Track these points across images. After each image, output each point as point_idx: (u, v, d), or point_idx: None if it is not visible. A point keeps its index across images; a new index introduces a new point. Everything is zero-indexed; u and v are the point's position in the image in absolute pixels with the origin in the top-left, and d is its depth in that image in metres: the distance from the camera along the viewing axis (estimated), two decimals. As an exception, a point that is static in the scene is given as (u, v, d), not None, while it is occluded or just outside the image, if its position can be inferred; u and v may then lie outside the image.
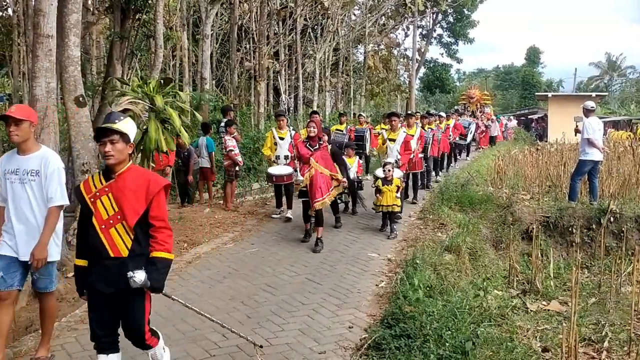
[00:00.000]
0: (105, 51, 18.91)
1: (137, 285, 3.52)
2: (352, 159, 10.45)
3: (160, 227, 3.70)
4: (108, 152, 3.60)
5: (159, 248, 3.68)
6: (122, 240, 3.64)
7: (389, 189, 8.82)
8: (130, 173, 3.73)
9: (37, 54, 6.85)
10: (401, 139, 10.21)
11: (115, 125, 3.63)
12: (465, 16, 43.45)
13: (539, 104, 43.93)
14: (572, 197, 10.88)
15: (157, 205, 3.70)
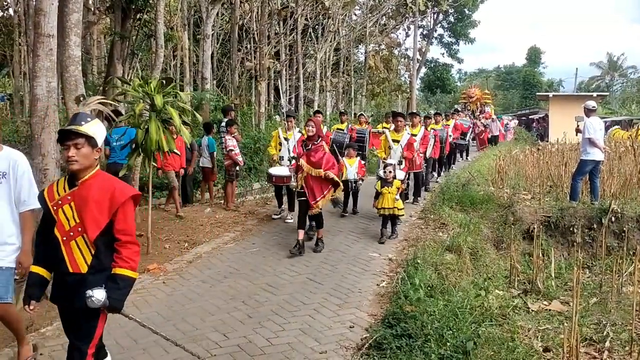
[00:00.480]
0: (106, 51, 18.92)
1: (95, 305, 3.26)
2: (353, 159, 10.18)
3: (126, 242, 3.40)
4: (72, 158, 3.30)
5: (122, 265, 3.38)
6: (81, 255, 3.36)
7: (389, 191, 8.54)
8: (96, 180, 3.42)
9: (38, 53, 6.84)
10: (405, 141, 10.10)
11: (81, 128, 3.32)
12: (466, 16, 43.43)
13: (540, 104, 43.91)
14: (573, 197, 10.87)
15: (122, 217, 3.38)
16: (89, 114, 3.50)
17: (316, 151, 7.83)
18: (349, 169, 9.89)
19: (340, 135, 13.11)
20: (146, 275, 6.84)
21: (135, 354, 4.75)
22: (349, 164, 9.97)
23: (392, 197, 8.50)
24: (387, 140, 10.33)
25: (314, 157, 7.76)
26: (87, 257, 3.37)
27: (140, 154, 7.58)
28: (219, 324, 5.38)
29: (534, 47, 63.08)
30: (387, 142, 10.30)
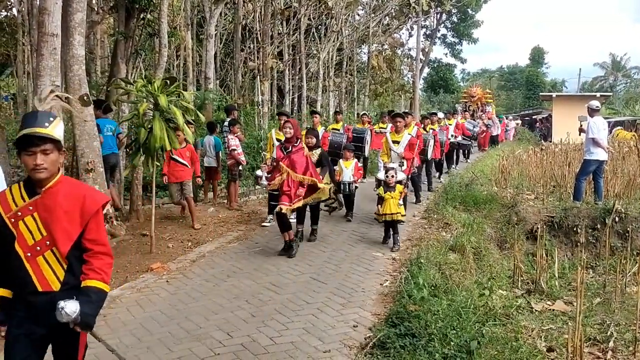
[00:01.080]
0: (109, 50, 18.95)
1: (64, 319, 2.83)
2: (350, 161, 9.87)
3: (98, 252, 3.03)
4: (40, 166, 2.87)
5: (93, 276, 2.99)
6: (52, 272, 2.96)
7: (392, 196, 8.14)
8: (62, 187, 3.01)
9: (42, 52, 6.88)
10: (405, 142, 9.90)
11: (48, 131, 2.87)
12: (470, 16, 43.35)
13: (543, 104, 43.82)
14: (577, 197, 10.85)
15: (95, 226, 3.02)
16: (50, 113, 3.06)
17: (296, 154, 7.59)
18: (345, 171, 9.67)
19: (336, 135, 12.79)
20: (150, 274, 6.86)
21: (139, 352, 4.75)
22: (345, 165, 9.74)
23: (396, 202, 8.13)
24: (387, 142, 10.13)
25: (295, 160, 7.54)
26: (59, 273, 2.97)
27: (143, 154, 7.58)
28: (222, 322, 5.38)
29: (537, 47, 62.96)
30: (387, 143, 10.10)
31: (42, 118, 2.91)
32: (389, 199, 8.10)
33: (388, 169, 8.45)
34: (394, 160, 9.68)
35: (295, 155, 7.55)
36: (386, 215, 8.14)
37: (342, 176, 9.56)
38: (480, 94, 30.51)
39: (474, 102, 29.61)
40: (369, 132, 14.24)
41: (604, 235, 9.67)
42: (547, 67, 63.95)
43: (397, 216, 8.11)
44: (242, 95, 20.08)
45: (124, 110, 9.36)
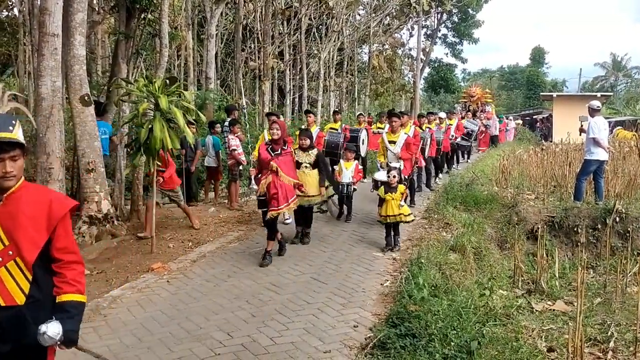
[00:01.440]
0: (110, 51, 18.96)
1: (48, 343, 2.69)
2: (350, 162, 9.66)
3: (70, 261, 2.83)
4: (9, 173, 2.70)
5: (68, 289, 2.80)
6: (15, 284, 2.73)
7: (393, 197, 7.92)
8: (25, 192, 2.80)
9: (43, 52, 6.89)
10: (402, 141, 9.70)
11: (14, 135, 2.70)
12: (470, 16, 43.32)
13: (544, 104, 43.81)
14: (577, 197, 10.84)
15: (63, 233, 2.82)
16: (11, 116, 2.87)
17: (285, 158, 7.36)
18: (345, 172, 9.50)
19: (334, 135, 12.63)
20: (150, 274, 6.86)
21: (140, 352, 4.76)
22: (345, 167, 9.57)
23: (397, 203, 7.92)
24: (383, 141, 9.92)
25: (285, 163, 7.32)
26: (24, 285, 2.74)
27: (143, 154, 7.58)
28: (223, 323, 5.39)
29: (537, 47, 62.96)
30: (383, 143, 9.91)
31: (6, 122, 2.74)
32: (390, 200, 7.90)
33: (390, 169, 8.30)
34: (390, 161, 9.54)
35: (283, 159, 7.30)
36: (388, 217, 7.94)
37: (342, 177, 9.45)
38: (480, 93, 30.16)
39: (474, 102, 29.21)
40: (365, 132, 14.05)
41: (605, 235, 9.67)
42: (548, 67, 63.97)
43: (399, 217, 7.94)
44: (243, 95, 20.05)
45: (125, 111, 9.36)
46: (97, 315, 5.59)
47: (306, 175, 7.99)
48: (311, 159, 8.09)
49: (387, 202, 7.92)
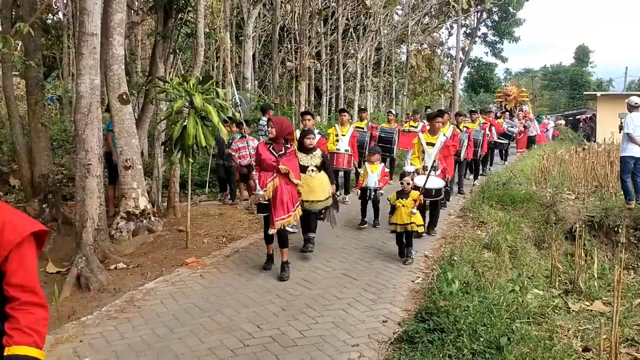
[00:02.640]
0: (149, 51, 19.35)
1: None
2: (377, 165, 9.05)
3: (27, 302, 2.19)
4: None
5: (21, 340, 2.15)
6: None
7: (403, 204, 7.18)
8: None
9: (82, 52, 7.07)
10: (440, 144, 8.99)
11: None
12: (511, 14, 42.71)
13: (588, 103, 42.83)
14: (627, 198, 10.45)
15: (19, 265, 2.18)
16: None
17: (289, 158, 6.69)
18: (371, 175, 8.92)
19: (359, 134, 12.13)
20: (184, 269, 6.98)
21: (171, 343, 4.85)
22: (371, 170, 8.96)
23: (408, 210, 7.14)
24: (420, 143, 9.19)
25: (291, 164, 6.66)
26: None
27: (180, 151, 7.72)
28: (253, 316, 5.45)
29: (582, 46, 61.59)
30: (420, 145, 9.16)
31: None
32: (400, 207, 7.22)
33: (404, 174, 7.59)
34: (427, 164, 8.80)
35: (288, 160, 6.64)
36: (397, 225, 7.24)
37: (367, 181, 8.93)
38: (516, 92, 28.35)
39: (510, 102, 27.66)
40: (397, 133, 13.53)
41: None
42: (593, 67, 62.45)
43: (411, 227, 7.17)
44: (280, 95, 20.21)
45: (162, 109, 9.55)
46: (131, 306, 5.73)
47: (313, 179, 7.41)
48: (317, 161, 7.50)
49: (397, 209, 7.25)
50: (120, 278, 6.75)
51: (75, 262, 6.78)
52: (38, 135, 9.05)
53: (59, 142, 14.77)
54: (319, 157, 7.52)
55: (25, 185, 9.72)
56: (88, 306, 5.87)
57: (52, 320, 5.49)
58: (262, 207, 6.69)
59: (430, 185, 7.95)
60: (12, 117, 9.36)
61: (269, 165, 6.55)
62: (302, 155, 7.41)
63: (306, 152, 7.48)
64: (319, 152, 7.56)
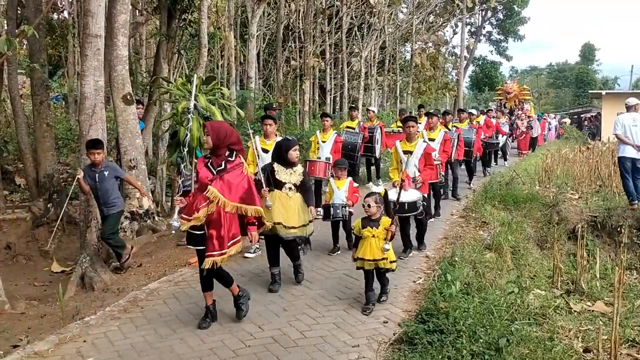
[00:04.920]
0: (154, 51, 19.41)
1: None
2: (343, 180, 7.65)
3: None
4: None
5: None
6: None
7: (373, 234, 5.58)
8: None
9: (86, 53, 7.13)
10: (420, 152, 7.71)
11: None
12: (515, 13, 42.62)
13: (593, 102, 42.74)
14: (630, 198, 10.44)
15: None
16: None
17: (232, 173, 5.10)
18: (337, 192, 7.56)
19: (351, 135, 11.36)
20: (187, 269, 7.03)
21: (173, 343, 4.90)
22: (336, 186, 7.60)
23: (379, 242, 5.57)
24: (397, 152, 7.93)
25: (230, 182, 5.06)
26: None
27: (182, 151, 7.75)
28: (254, 315, 5.49)
29: (587, 44, 61.50)
30: (397, 154, 7.93)
31: None
32: (369, 237, 5.60)
33: (369, 194, 5.84)
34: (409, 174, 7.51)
35: (230, 175, 5.08)
36: (364, 261, 5.63)
37: (333, 199, 7.58)
38: (517, 90, 26.09)
39: (510, 100, 25.63)
40: (379, 130, 12.45)
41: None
42: (598, 65, 62.37)
43: (382, 263, 5.60)
44: (284, 94, 20.25)
45: (166, 109, 9.61)
46: (134, 306, 5.78)
47: (289, 199, 6.19)
48: (296, 179, 6.27)
49: (364, 241, 5.64)
50: (124, 278, 6.82)
51: (79, 262, 6.85)
52: (43, 135, 9.13)
53: (64, 141, 14.84)
54: (300, 175, 6.30)
55: (31, 184, 9.82)
56: (92, 306, 5.94)
57: (56, 320, 5.58)
58: (193, 238, 5.19)
59: (403, 198, 6.81)
60: (18, 117, 9.45)
61: (204, 186, 5.00)
62: (281, 168, 6.26)
63: (285, 165, 6.27)
64: (300, 169, 6.36)
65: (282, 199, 6.17)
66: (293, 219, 6.13)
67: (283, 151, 6.25)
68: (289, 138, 6.72)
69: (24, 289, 6.78)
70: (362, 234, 5.65)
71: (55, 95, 20.80)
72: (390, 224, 5.58)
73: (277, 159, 6.35)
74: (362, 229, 5.65)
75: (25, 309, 6.10)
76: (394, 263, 5.73)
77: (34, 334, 5.28)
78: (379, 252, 5.55)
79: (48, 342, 4.86)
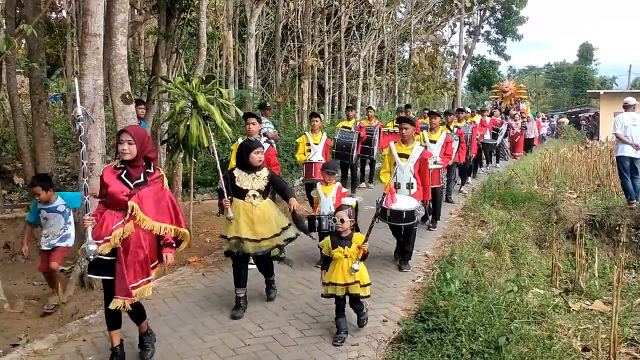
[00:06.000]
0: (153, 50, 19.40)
1: None
2: (330, 186, 6.85)
3: None
4: None
5: None
6: None
7: (344, 254, 4.91)
8: None
9: (85, 52, 7.11)
10: (416, 156, 7.19)
11: None
12: (514, 12, 42.66)
13: (591, 101, 42.81)
14: (629, 197, 10.46)
15: None
16: None
17: (150, 188, 4.30)
18: (324, 199, 6.79)
19: (345, 135, 11.03)
20: (187, 268, 7.04)
21: (173, 342, 4.91)
22: (324, 192, 6.84)
23: (349, 263, 4.90)
24: (391, 154, 7.37)
25: (148, 197, 4.25)
26: None
27: (182, 151, 7.76)
28: (254, 315, 5.50)
29: (585, 44, 61.51)
30: (391, 157, 7.36)
31: None
32: (340, 258, 4.95)
33: (340, 208, 5.20)
34: (400, 180, 7.18)
35: (150, 190, 4.29)
36: (336, 286, 4.97)
37: (320, 207, 6.85)
38: (513, 89, 25.24)
39: (506, 99, 24.76)
40: (378, 130, 12.24)
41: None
42: (597, 64, 62.48)
43: (353, 288, 4.95)
44: (283, 94, 20.24)
45: (165, 108, 9.60)
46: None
47: (255, 208, 5.44)
48: (261, 183, 5.53)
49: (335, 263, 4.98)
50: (123, 277, 6.79)
51: (78, 261, 6.83)
52: (42, 134, 9.11)
53: (63, 140, 14.82)
54: (264, 179, 5.56)
55: (29, 183, 9.80)
56: (91, 305, 5.94)
57: (55, 319, 5.58)
58: (101, 263, 4.18)
59: (400, 205, 6.54)
60: (16, 116, 9.42)
61: (118, 202, 4.20)
62: (242, 174, 5.56)
63: (248, 170, 5.56)
64: (265, 173, 5.59)
65: (247, 210, 5.44)
66: (263, 229, 5.42)
67: (244, 154, 5.52)
68: (251, 139, 6.18)
69: (23, 288, 6.76)
70: (332, 255, 4.98)
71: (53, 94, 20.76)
72: (364, 241, 4.94)
73: (239, 164, 5.66)
74: (332, 248, 4.98)
75: (25, 308, 6.09)
76: (366, 287, 5.03)
77: (34, 333, 5.27)
78: (348, 276, 4.90)
79: (47, 341, 4.86)
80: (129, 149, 4.18)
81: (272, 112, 15.27)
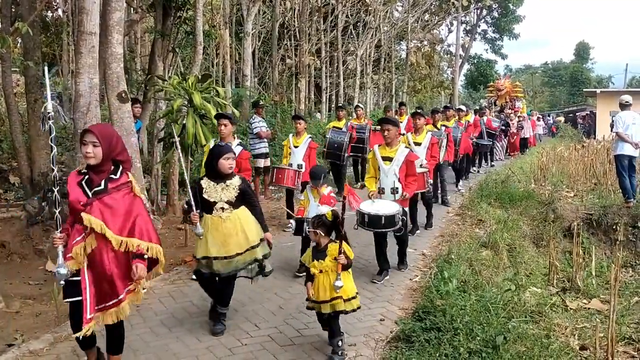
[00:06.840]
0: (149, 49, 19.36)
1: None
2: (321, 189, 6.52)
3: None
4: None
5: None
6: None
7: (323, 268, 4.51)
8: None
9: (81, 50, 7.08)
10: (401, 159, 6.62)
11: None
12: (510, 11, 42.66)
13: (588, 100, 42.88)
14: (626, 196, 10.46)
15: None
16: None
17: (115, 195, 3.76)
18: (312, 203, 6.50)
19: (337, 134, 10.82)
20: (183, 267, 7.01)
21: (169, 342, 4.88)
22: (312, 195, 6.58)
23: (330, 278, 4.48)
24: (375, 158, 6.83)
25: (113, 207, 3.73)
26: None
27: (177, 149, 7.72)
28: (251, 314, 5.49)
29: (582, 43, 61.69)
30: (375, 160, 6.82)
31: None
32: (317, 273, 4.54)
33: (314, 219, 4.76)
34: (383, 185, 6.63)
35: (111, 198, 3.74)
36: (320, 304, 4.55)
37: (308, 211, 6.48)
38: (509, 87, 24.42)
39: (501, 97, 24.10)
40: (369, 128, 12.04)
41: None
42: (593, 63, 62.66)
43: (336, 304, 4.50)
44: (279, 92, 20.23)
45: (161, 107, 9.57)
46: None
47: (224, 221, 4.91)
48: (231, 194, 4.95)
49: (315, 278, 4.55)
50: (119, 276, 6.76)
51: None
52: (37, 133, 9.06)
53: (59, 139, 14.76)
54: (235, 189, 4.97)
55: (25, 183, 9.75)
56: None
57: (51, 319, 5.54)
58: (69, 284, 3.74)
59: (378, 209, 6.20)
60: (12, 115, 9.37)
61: (77, 213, 3.72)
62: (210, 185, 4.99)
63: (217, 179, 4.99)
64: (237, 182, 5.01)
65: (215, 224, 4.92)
66: (234, 244, 4.90)
67: (213, 160, 4.96)
68: (220, 144, 5.81)
69: (19, 288, 6.73)
70: (310, 269, 4.59)
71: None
72: (339, 252, 4.42)
73: (208, 171, 5.08)
74: (310, 261, 4.61)
75: (20, 307, 6.06)
76: (353, 301, 4.56)
77: (29, 332, 5.24)
78: (329, 290, 4.45)
79: (43, 341, 4.83)
80: (93, 152, 3.65)
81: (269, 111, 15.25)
